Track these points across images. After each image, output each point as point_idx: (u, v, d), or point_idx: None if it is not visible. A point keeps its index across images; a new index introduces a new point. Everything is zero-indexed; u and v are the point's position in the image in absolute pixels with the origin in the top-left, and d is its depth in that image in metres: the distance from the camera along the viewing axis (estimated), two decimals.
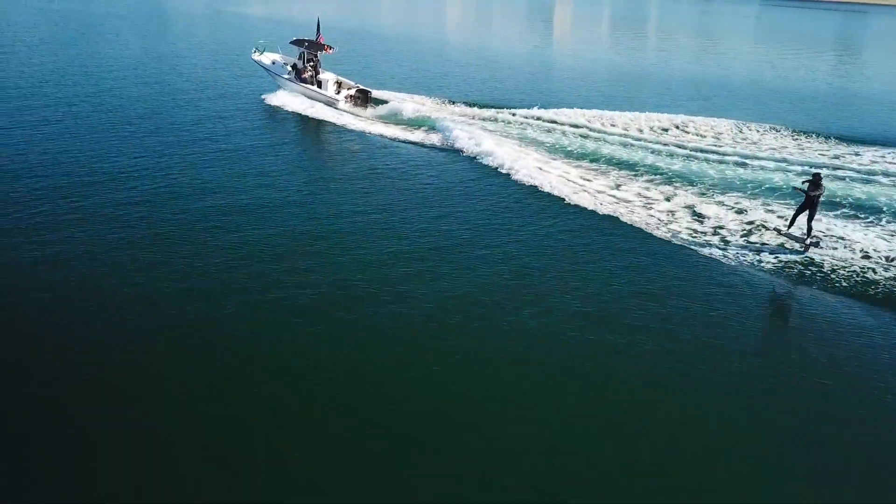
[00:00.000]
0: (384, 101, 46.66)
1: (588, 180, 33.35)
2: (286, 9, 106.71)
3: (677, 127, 43.05)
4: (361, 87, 47.31)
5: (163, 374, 17.36)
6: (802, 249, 26.32)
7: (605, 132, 41.21)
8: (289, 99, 45.67)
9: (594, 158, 36.70)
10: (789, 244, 26.89)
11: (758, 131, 42.98)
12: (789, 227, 27.32)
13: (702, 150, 38.27)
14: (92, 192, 28.47)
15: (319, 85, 46.51)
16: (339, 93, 46.34)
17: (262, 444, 15.28)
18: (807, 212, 26.44)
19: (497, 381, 17.72)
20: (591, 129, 41.59)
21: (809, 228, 26.54)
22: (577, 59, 76.58)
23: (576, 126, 42.21)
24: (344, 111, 45.09)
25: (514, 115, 44.45)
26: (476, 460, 15.09)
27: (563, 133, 40.90)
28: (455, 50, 77.34)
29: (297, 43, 47.91)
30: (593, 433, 16.15)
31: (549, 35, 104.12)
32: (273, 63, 49.40)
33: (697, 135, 41.69)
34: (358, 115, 44.71)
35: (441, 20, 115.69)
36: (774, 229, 27.90)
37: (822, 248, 26.38)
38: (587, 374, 18.18)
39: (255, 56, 49.90)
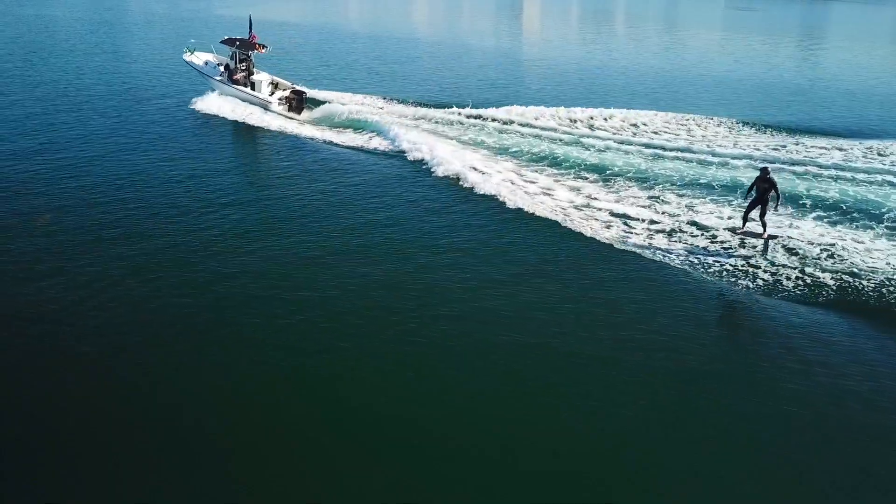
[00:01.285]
0: (322, 102, 44.89)
1: (534, 182, 32.13)
2: (226, 4, 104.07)
3: (619, 123, 42.14)
4: (297, 87, 45.53)
5: (159, 375, 17.41)
6: (762, 247, 25.46)
7: (554, 129, 39.95)
8: (219, 102, 43.65)
9: (542, 159, 35.36)
10: (747, 242, 25.97)
11: (711, 125, 42.09)
12: (743, 224, 26.42)
13: (661, 147, 37.09)
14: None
15: (252, 86, 44.67)
16: (273, 94, 44.58)
17: (262, 444, 15.34)
18: (758, 208, 25.62)
19: (488, 386, 17.55)
20: (542, 129, 40.14)
21: (763, 224, 25.78)
22: (533, 54, 75.34)
23: (524, 125, 40.82)
24: (278, 114, 43.28)
25: (459, 114, 42.65)
26: (464, 461, 15.12)
27: (512, 133, 39.45)
28: (401, 46, 75.27)
29: (228, 42, 46.12)
30: (570, 435, 16.02)
31: (506, 29, 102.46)
32: (206, 63, 47.46)
33: (654, 131, 40.46)
34: (293, 118, 42.95)
35: (388, 14, 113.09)
36: (729, 230, 26.80)
37: (780, 240, 25.62)
38: (563, 377, 17.95)
39: (187, 56, 47.92)
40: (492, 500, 14.15)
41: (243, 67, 45.27)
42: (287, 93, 44.91)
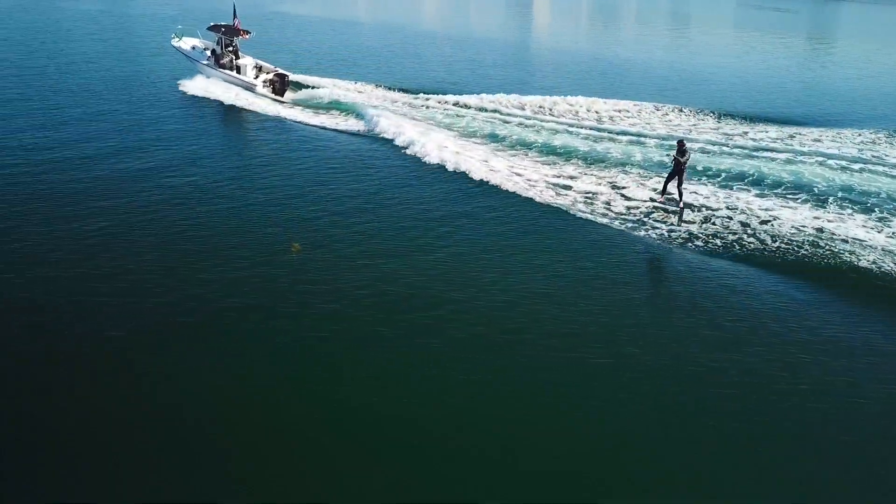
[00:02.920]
0: (306, 86, 45.59)
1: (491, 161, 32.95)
2: None
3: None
4: (280, 71, 45.72)
5: (159, 375, 17.27)
6: (677, 214, 27.25)
7: (511, 115, 40.80)
8: (206, 85, 44.03)
9: (502, 140, 36.45)
10: (665, 210, 27.63)
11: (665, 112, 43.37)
12: (661, 193, 28.39)
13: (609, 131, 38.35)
14: None
15: (238, 70, 45.01)
16: (257, 77, 44.90)
17: (262, 444, 15.30)
18: (675, 178, 27.67)
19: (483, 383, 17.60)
20: (505, 114, 41.03)
21: (680, 193, 27.78)
22: (525, 46, 75.07)
23: (482, 110, 41.67)
24: (262, 96, 43.61)
25: (432, 99, 43.54)
26: (464, 461, 15.15)
27: (483, 119, 40.01)
28: (384, 32, 75.19)
29: (214, 29, 46.34)
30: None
31: (503, 23, 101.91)
32: (193, 48, 48.18)
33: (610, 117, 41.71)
34: (276, 100, 43.43)
35: (384, 4, 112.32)
36: (650, 199, 28.53)
37: (693, 210, 27.37)
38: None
39: (175, 42, 48.59)
40: (492, 500, 14.16)
41: (230, 50, 45.60)
42: (271, 76, 45.24)
